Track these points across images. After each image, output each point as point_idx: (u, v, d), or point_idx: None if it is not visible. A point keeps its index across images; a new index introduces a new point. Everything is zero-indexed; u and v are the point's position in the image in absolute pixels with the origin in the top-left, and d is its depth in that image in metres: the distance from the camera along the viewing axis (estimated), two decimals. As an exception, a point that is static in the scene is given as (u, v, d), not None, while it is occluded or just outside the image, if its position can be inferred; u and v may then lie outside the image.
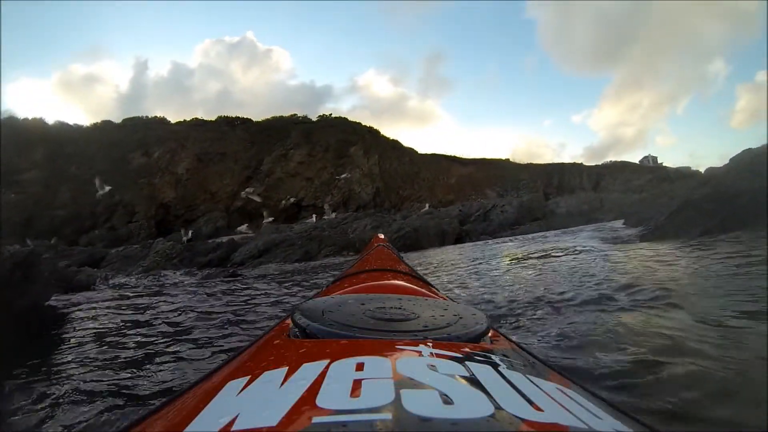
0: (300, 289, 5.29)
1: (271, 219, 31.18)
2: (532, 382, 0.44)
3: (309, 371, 0.42)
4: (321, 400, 0.36)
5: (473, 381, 0.41)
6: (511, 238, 13.64)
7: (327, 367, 0.43)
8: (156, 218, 38.00)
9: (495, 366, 0.47)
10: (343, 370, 0.42)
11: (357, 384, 0.38)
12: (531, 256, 6.76)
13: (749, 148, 8.22)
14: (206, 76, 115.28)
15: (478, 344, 0.59)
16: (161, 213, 38.57)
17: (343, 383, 0.39)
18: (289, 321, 0.71)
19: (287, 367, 0.44)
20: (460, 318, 0.68)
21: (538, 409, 0.37)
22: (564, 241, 8.37)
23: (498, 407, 0.35)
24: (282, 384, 0.41)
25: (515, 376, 0.44)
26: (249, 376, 0.45)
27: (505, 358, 0.52)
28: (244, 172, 41.63)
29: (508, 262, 6.32)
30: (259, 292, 4.97)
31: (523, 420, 0.34)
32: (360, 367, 0.42)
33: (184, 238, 34.90)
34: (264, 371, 0.45)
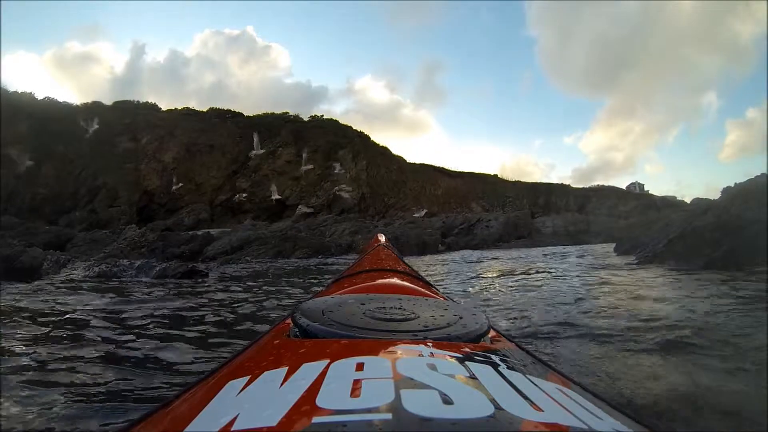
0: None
1: (308, 211, 30.99)
2: (532, 382, 0.44)
3: (309, 371, 0.43)
4: (321, 400, 0.36)
5: (473, 381, 0.41)
6: (499, 258, 12.80)
7: (327, 367, 0.43)
8: (139, 205, 37.14)
9: (495, 366, 0.47)
10: (343, 370, 0.42)
11: (357, 384, 0.38)
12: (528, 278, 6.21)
13: (754, 177, 7.88)
14: (202, 66, 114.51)
15: (478, 344, 0.59)
16: (145, 200, 37.79)
17: (343, 383, 0.39)
18: (289, 321, 0.71)
19: (287, 367, 0.45)
20: (460, 318, 0.68)
21: (538, 409, 0.37)
22: (558, 266, 7.83)
23: (498, 407, 0.35)
24: (282, 384, 0.41)
25: (515, 376, 0.44)
26: (249, 376, 0.45)
27: (505, 358, 0.52)
28: (231, 166, 40.96)
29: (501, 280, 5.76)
30: (201, 312, 3.74)
31: (523, 420, 0.34)
32: (360, 367, 0.42)
33: (174, 188, 34.86)
34: (264, 371, 0.46)
